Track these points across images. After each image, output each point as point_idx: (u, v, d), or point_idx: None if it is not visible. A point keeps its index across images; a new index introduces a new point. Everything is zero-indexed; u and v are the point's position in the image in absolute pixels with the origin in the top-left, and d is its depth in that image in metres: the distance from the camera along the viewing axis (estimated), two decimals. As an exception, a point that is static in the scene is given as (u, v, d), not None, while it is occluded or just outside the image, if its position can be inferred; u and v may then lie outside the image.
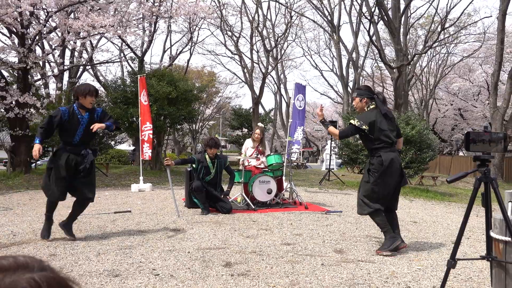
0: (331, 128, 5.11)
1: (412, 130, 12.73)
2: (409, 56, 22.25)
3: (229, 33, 26.01)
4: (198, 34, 28.70)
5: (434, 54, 32.27)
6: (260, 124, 8.99)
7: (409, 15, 25.59)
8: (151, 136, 11.20)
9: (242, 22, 30.43)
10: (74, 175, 5.00)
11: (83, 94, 4.97)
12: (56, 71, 14.79)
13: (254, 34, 26.00)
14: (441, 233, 6.12)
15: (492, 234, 2.86)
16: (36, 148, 4.82)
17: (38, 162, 20.62)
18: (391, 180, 4.71)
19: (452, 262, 3.03)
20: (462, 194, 13.21)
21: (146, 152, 11.11)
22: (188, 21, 22.43)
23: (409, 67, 23.94)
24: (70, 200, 5.27)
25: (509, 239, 2.74)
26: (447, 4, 28.92)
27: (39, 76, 14.81)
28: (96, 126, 4.86)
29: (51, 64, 16.32)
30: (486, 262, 3.65)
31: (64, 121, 4.93)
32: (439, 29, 23.50)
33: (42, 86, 18.11)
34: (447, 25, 24.03)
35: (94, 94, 5.03)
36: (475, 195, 2.95)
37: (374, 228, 6.10)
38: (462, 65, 33.23)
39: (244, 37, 28.75)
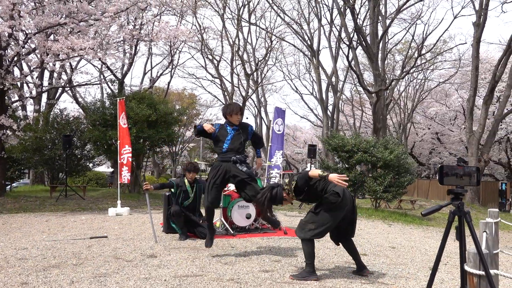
0: None
1: (391, 154, 12.87)
2: (387, 81, 22.65)
3: (210, 57, 26.17)
4: (179, 57, 28.85)
5: (412, 79, 32.97)
6: None
7: (386, 41, 26.17)
8: (130, 159, 11.08)
9: (222, 46, 30.60)
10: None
11: (229, 113, 5.82)
12: (34, 92, 14.64)
13: (234, 58, 26.21)
14: (419, 258, 6.14)
15: (466, 267, 2.88)
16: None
17: (14, 185, 20.21)
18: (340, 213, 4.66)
19: (427, 296, 3.04)
20: (440, 218, 13.33)
21: (125, 175, 10.98)
22: (169, 44, 22.54)
23: (387, 92, 24.35)
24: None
25: (483, 273, 2.76)
26: (423, 31, 29.75)
27: (16, 98, 14.63)
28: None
29: (29, 85, 16.14)
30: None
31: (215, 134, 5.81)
32: (416, 55, 24.05)
33: (20, 107, 17.90)
34: (423, 51, 24.60)
35: (237, 112, 5.85)
36: (449, 228, 2.98)
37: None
38: (439, 90, 33.97)
39: (225, 61, 28.89)
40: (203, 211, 7.58)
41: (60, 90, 22.99)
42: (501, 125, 27.62)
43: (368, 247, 6.84)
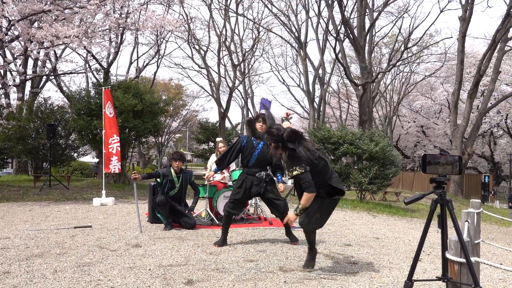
0: None
1: (376, 146, 12.95)
2: (373, 74, 22.73)
3: (197, 47, 26.00)
4: (166, 46, 28.61)
5: (398, 72, 33.14)
6: (219, 138, 8.99)
7: (373, 34, 26.23)
8: (119, 148, 10.95)
9: (209, 36, 30.55)
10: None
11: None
12: (17, 80, 14.36)
13: (221, 49, 26.08)
14: (403, 249, 6.20)
15: (447, 255, 2.91)
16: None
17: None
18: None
19: (409, 283, 3.08)
20: (424, 210, 13.48)
21: (115, 165, 10.85)
22: (156, 33, 22.32)
23: (374, 85, 24.44)
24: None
25: (464, 260, 2.79)
26: (410, 25, 29.96)
27: (-1, 85, 14.36)
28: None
29: (13, 73, 15.85)
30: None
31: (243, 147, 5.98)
32: (402, 48, 24.17)
33: (3, 95, 17.62)
34: (410, 44, 24.72)
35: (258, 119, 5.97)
36: (432, 217, 3.01)
37: (336, 245, 6.14)
38: (424, 83, 34.22)
39: (212, 51, 28.72)
40: (188, 201, 7.59)
41: (44, 78, 22.67)
42: (484, 119, 27.99)
43: (352, 238, 6.89)
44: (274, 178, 6.07)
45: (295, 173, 4.15)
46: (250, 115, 37.51)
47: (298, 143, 4.24)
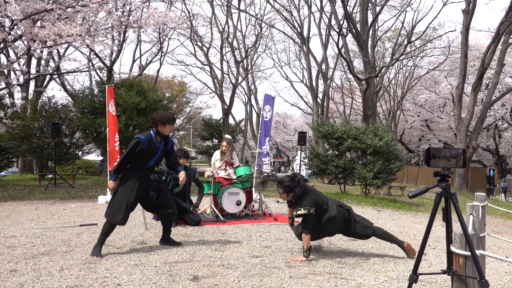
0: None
1: (380, 141, 12.92)
2: (377, 68, 22.67)
3: (199, 44, 25.99)
4: (168, 44, 28.64)
5: (401, 67, 33.01)
6: (227, 136, 8.95)
7: (376, 28, 26.14)
8: (117, 147, 10.97)
9: (212, 33, 30.35)
10: (146, 198, 5.24)
11: (163, 122, 5.10)
12: (21, 80, 14.41)
13: (224, 45, 26.05)
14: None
15: (452, 248, 2.91)
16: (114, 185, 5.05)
17: (2, 173, 20.05)
18: None
19: (414, 277, 3.08)
20: (429, 204, 13.44)
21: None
22: (158, 31, 22.34)
23: (377, 79, 24.37)
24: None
25: (469, 253, 2.79)
26: (413, 18, 29.91)
27: (3, 85, 14.42)
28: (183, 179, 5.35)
29: (16, 72, 15.89)
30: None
31: (144, 149, 5.06)
32: (405, 42, 24.07)
33: (7, 95, 17.69)
34: (413, 38, 24.62)
35: (172, 122, 5.20)
36: (436, 210, 3.00)
37: (341, 240, 6.14)
38: (428, 77, 34.08)
39: (215, 48, 28.69)
40: (193, 198, 7.61)
41: (48, 77, 22.74)
42: (489, 112, 27.87)
43: (357, 233, 6.88)
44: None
45: (299, 212, 4.85)
46: (253, 111, 37.48)
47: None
